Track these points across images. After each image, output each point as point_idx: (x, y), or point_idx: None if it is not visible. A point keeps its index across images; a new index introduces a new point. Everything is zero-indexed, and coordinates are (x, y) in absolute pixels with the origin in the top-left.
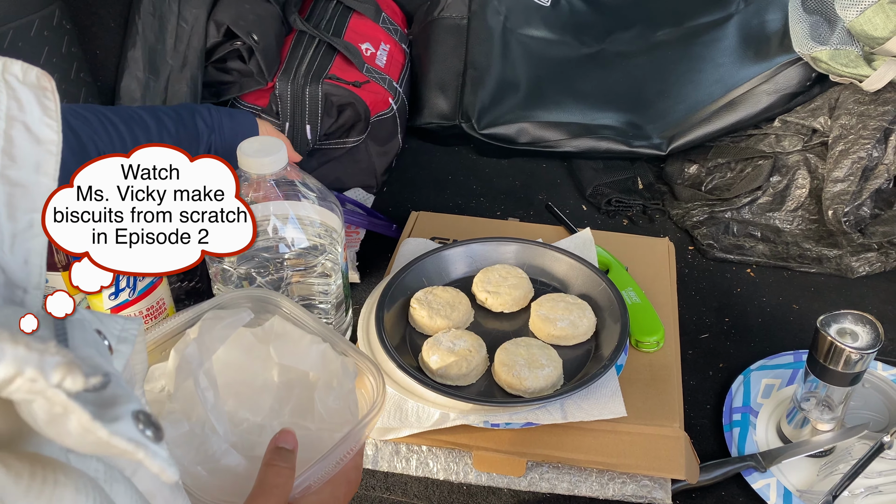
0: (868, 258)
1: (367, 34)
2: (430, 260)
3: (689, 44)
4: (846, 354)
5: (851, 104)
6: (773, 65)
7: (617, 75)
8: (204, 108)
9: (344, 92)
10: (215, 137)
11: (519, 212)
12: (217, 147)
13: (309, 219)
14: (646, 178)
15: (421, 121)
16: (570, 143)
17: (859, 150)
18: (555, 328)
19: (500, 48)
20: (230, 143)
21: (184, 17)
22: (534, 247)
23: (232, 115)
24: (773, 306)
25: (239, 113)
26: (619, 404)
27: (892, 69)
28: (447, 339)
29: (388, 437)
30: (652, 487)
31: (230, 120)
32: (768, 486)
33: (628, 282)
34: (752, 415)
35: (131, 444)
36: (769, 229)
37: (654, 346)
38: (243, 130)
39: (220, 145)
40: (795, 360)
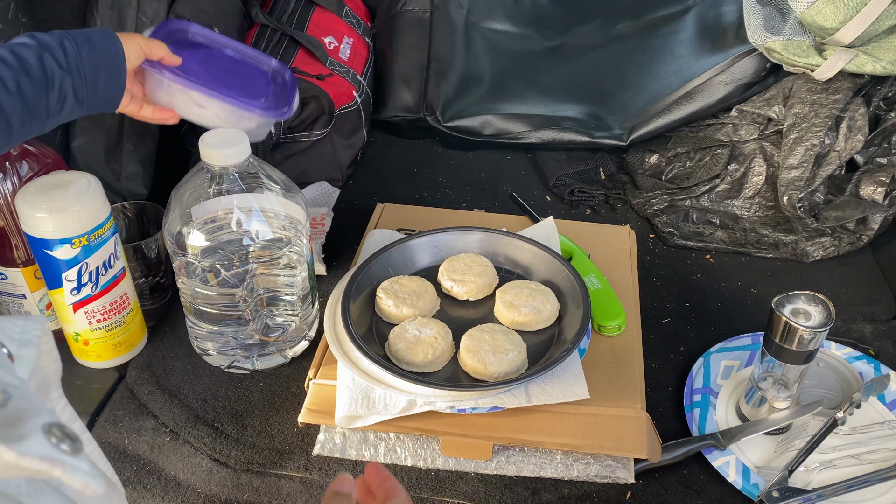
0: (822, 242)
1: (329, 28)
2: (395, 250)
3: (648, 36)
4: (800, 333)
5: (804, 93)
6: (729, 56)
7: (578, 68)
8: (54, 39)
9: (307, 85)
10: (75, 81)
11: (484, 203)
12: (80, 94)
13: (273, 211)
14: (607, 169)
15: (385, 114)
16: (533, 135)
17: (812, 138)
18: (519, 314)
19: (463, 41)
20: (94, 84)
21: (143, 11)
22: (498, 235)
23: (91, 42)
24: (732, 291)
25: (97, 34)
26: (581, 387)
27: (842, 58)
28: (413, 326)
29: (355, 426)
30: (615, 467)
31: (90, 50)
32: (728, 464)
33: (591, 269)
34: (712, 395)
35: (45, 462)
36: (727, 216)
37: (616, 331)
38: (107, 60)
39: (83, 90)
40: (753, 342)
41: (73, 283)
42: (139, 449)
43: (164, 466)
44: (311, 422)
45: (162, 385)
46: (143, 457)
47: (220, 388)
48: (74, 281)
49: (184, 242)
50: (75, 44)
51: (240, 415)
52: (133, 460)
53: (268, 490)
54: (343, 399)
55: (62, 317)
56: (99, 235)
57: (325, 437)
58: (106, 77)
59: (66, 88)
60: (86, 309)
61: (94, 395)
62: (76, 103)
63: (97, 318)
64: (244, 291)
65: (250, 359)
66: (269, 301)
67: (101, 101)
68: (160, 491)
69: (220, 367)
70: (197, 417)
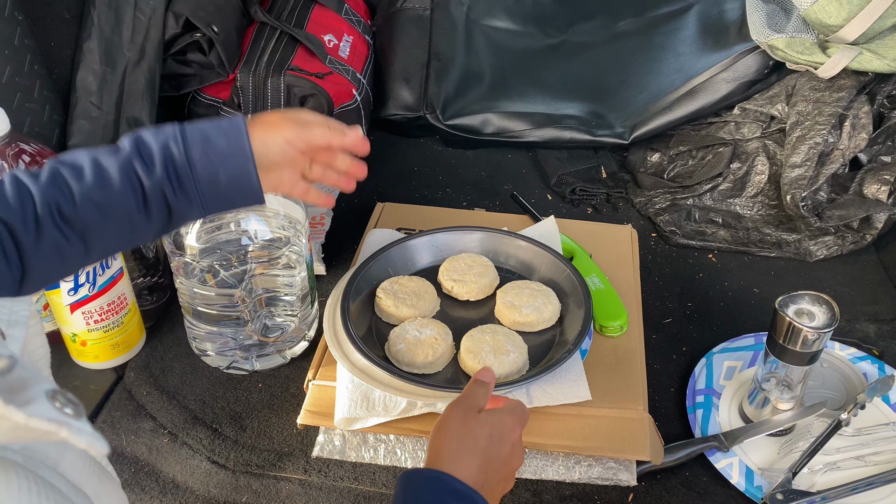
0: (825, 241)
1: (329, 25)
2: (395, 250)
3: (649, 34)
4: (804, 334)
5: (807, 91)
6: (731, 53)
7: (579, 66)
8: (158, 140)
9: (306, 83)
10: (176, 184)
11: (485, 202)
12: (192, 195)
13: (272, 210)
14: (609, 167)
15: (385, 112)
16: (534, 134)
17: (815, 136)
18: (520, 315)
19: (463, 39)
20: (213, 185)
21: (140, 9)
22: (499, 235)
23: (207, 140)
24: (735, 290)
25: (217, 129)
26: (583, 388)
27: (846, 56)
28: (413, 327)
29: (355, 427)
30: (617, 469)
31: (203, 148)
32: (731, 466)
33: (592, 268)
34: (714, 396)
35: (52, 423)
36: (730, 215)
37: (618, 331)
38: (225, 158)
39: (191, 192)
40: (756, 343)
41: (70, 283)
42: (137, 450)
43: (163, 468)
44: (311, 423)
45: (160, 386)
46: (142, 458)
47: (218, 389)
48: (72, 281)
49: (182, 242)
50: (183, 143)
51: (238, 416)
52: (131, 462)
53: (267, 492)
54: (342, 400)
55: (59, 317)
56: None
57: (325, 438)
58: (227, 175)
59: (162, 194)
60: (83, 309)
61: (92, 396)
62: (190, 206)
63: (95, 318)
64: (243, 292)
65: (249, 359)
66: (268, 301)
67: (236, 201)
68: (158, 493)
69: (218, 367)
70: (195, 419)
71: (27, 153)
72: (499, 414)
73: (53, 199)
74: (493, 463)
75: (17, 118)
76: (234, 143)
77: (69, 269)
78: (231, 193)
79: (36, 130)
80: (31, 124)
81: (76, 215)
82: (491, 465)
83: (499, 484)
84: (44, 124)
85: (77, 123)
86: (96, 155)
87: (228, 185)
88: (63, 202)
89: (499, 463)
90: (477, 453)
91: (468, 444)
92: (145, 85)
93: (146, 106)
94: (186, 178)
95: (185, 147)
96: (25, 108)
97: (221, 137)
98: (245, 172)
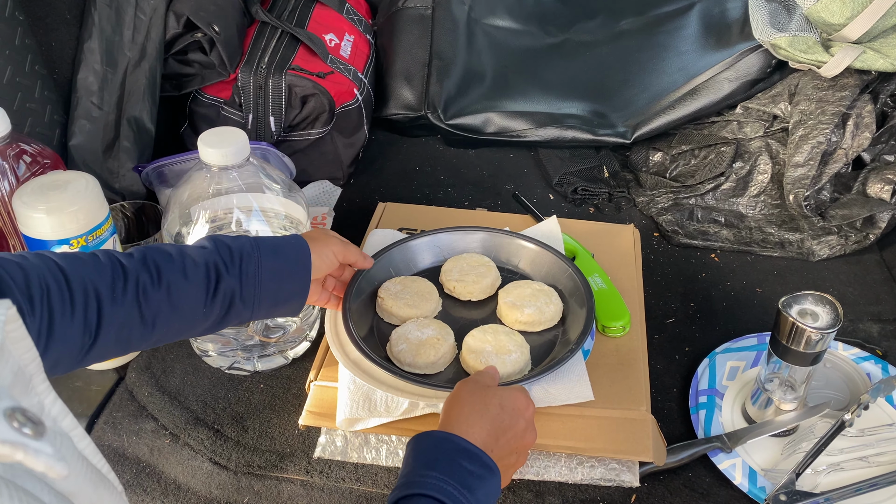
0: (828, 241)
1: (330, 25)
2: (397, 250)
3: (651, 33)
4: (807, 335)
5: (810, 90)
6: (734, 52)
7: (581, 65)
8: (236, 243)
9: (308, 83)
10: (245, 288)
11: (487, 202)
12: (248, 300)
13: (273, 211)
14: (611, 167)
15: (387, 112)
16: (536, 133)
17: (818, 135)
18: (522, 314)
19: (465, 38)
20: (272, 294)
21: (141, 9)
22: (501, 235)
23: (277, 252)
24: (738, 290)
25: (287, 245)
26: (586, 388)
27: (849, 55)
28: (415, 327)
29: (356, 428)
30: (620, 470)
31: (273, 260)
32: (734, 466)
33: (594, 268)
34: (717, 397)
35: (6, 445)
36: (732, 215)
37: (621, 331)
38: (289, 272)
39: (252, 297)
40: (759, 343)
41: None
42: (139, 451)
43: (164, 469)
44: (312, 424)
45: (162, 387)
46: (143, 459)
47: (220, 390)
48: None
49: (183, 243)
50: (258, 250)
51: (240, 417)
52: (132, 463)
53: (268, 493)
54: (344, 401)
55: None
56: (97, 236)
57: (326, 439)
58: (286, 287)
59: (231, 292)
60: None
61: (94, 396)
62: (244, 308)
63: None
64: None
65: (251, 360)
66: None
67: (281, 308)
68: (160, 494)
69: (220, 368)
70: (197, 419)
71: (28, 153)
72: (511, 390)
73: (142, 276)
74: (504, 432)
75: (18, 118)
76: (299, 254)
77: (129, 349)
78: (284, 296)
79: (37, 131)
80: (32, 124)
81: (156, 296)
82: (502, 433)
83: (511, 455)
84: (45, 124)
85: (78, 123)
86: (183, 247)
87: (284, 292)
88: (149, 282)
89: (511, 434)
90: (487, 419)
91: (478, 409)
92: (146, 85)
93: (147, 106)
94: (254, 279)
95: (259, 252)
96: (26, 108)
97: (289, 249)
98: (303, 283)
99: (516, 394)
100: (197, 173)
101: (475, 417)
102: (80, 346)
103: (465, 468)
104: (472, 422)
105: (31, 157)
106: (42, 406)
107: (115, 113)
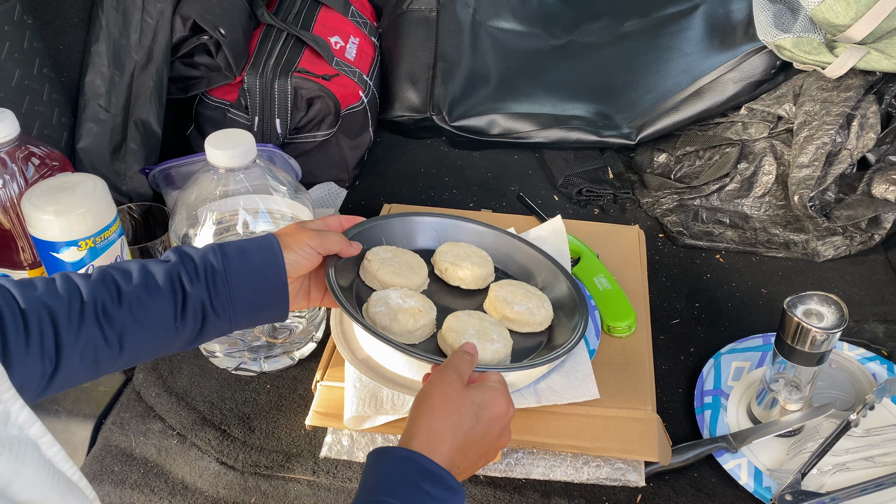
0: (833, 242)
1: (335, 27)
2: (397, 221)
3: (656, 34)
4: (812, 335)
5: (815, 91)
6: (738, 53)
7: (586, 66)
8: (199, 252)
9: (313, 85)
10: (213, 296)
11: (491, 203)
12: (218, 309)
13: (280, 212)
14: (616, 168)
15: (392, 114)
16: (540, 134)
17: (823, 136)
18: (511, 311)
19: (469, 40)
20: (245, 298)
21: (148, 12)
22: (504, 236)
23: (243, 254)
24: (743, 291)
25: (253, 245)
26: (592, 387)
27: (854, 56)
28: (397, 295)
29: (364, 427)
30: (626, 470)
31: (240, 262)
32: (739, 466)
33: (599, 269)
34: (722, 397)
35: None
36: (737, 215)
37: (626, 332)
38: (259, 274)
39: (223, 305)
40: (764, 343)
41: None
42: (146, 452)
43: (172, 469)
44: (319, 424)
45: (169, 387)
46: (150, 460)
47: (227, 391)
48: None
49: (190, 244)
50: (222, 256)
51: (247, 417)
52: (140, 463)
53: (275, 493)
54: (351, 399)
55: None
56: (105, 237)
57: (333, 439)
58: (262, 291)
59: (201, 303)
60: None
61: (101, 397)
62: (219, 319)
63: None
64: None
65: (257, 361)
66: None
67: (264, 314)
68: (167, 494)
69: (227, 369)
70: (204, 420)
71: (36, 156)
72: (490, 393)
73: (100, 296)
74: (476, 444)
75: (26, 121)
76: (267, 254)
77: (100, 371)
78: (262, 302)
79: (45, 133)
80: (40, 127)
81: (118, 314)
82: (472, 446)
83: (479, 461)
84: (53, 127)
85: (85, 126)
86: (145, 263)
87: (262, 297)
88: (108, 300)
89: (483, 443)
90: (459, 434)
91: (452, 422)
92: (153, 87)
93: (154, 108)
94: (223, 287)
95: (224, 258)
96: (34, 111)
97: (255, 250)
98: (279, 284)
99: (496, 397)
100: (204, 175)
101: (446, 434)
102: (41, 372)
103: (428, 493)
104: (441, 439)
105: (39, 159)
106: (8, 414)
107: (122, 115)
